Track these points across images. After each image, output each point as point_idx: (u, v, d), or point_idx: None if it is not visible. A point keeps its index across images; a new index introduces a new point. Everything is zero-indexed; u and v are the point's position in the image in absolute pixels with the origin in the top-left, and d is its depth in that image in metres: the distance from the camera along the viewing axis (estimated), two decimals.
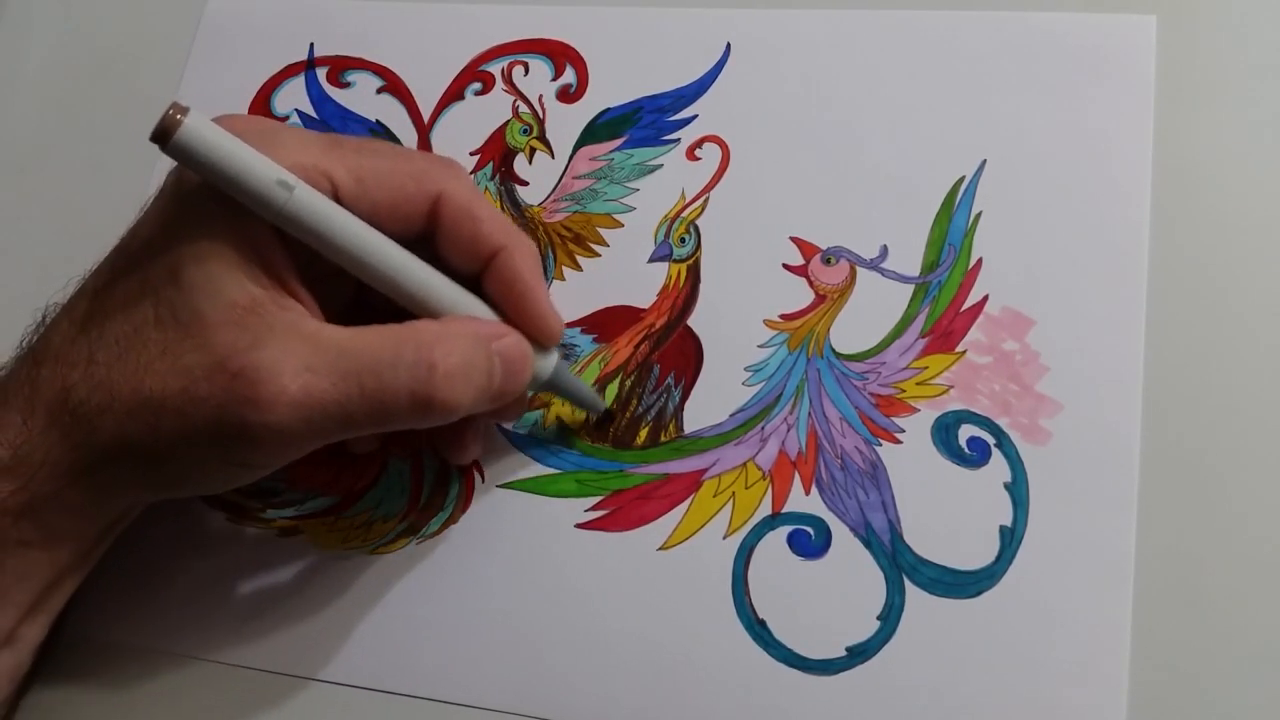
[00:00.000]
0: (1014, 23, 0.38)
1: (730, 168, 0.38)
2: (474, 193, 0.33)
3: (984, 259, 0.36)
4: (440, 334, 0.31)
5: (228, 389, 0.29)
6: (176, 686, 0.35)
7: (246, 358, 0.29)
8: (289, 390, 0.29)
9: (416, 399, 0.30)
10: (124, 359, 0.30)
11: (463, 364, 0.30)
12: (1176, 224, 0.35)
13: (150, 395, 0.29)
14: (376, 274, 0.31)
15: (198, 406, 0.29)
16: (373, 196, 0.32)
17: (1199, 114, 0.36)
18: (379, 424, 0.30)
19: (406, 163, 0.33)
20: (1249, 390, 0.33)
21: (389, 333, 0.30)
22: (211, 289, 0.29)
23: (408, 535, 0.36)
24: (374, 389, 0.30)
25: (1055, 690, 0.31)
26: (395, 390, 0.30)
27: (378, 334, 0.30)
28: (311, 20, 0.44)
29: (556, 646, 0.34)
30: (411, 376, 0.30)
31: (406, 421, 0.31)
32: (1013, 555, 0.33)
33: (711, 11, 0.41)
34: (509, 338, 0.32)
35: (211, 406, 0.29)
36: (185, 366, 0.29)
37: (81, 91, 0.45)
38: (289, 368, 0.29)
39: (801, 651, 0.33)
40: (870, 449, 0.34)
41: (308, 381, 0.29)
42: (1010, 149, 0.37)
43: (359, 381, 0.30)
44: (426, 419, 0.31)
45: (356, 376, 0.30)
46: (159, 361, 0.29)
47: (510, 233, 0.33)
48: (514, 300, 0.33)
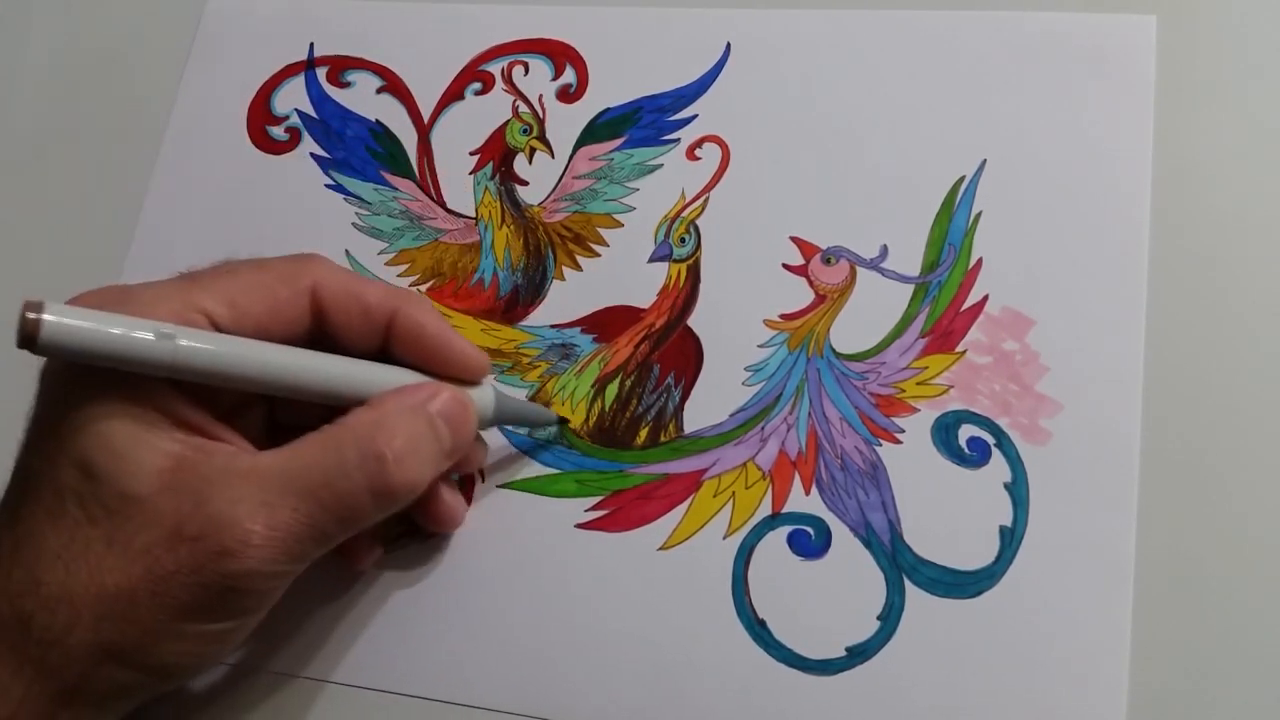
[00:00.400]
0: (1014, 23, 0.38)
1: (730, 168, 0.38)
2: (345, 271, 0.33)
3: (984, 259, 0.36)
4: (377, 420, 0.30)
5: (194, 553, 0.28)
6: (175, 686, 0.35)
7: (199, 517, 0.28)
8: (255, 531, 0.28)
9: (377, 494, 0.30)
10: (72, 570, 0.28)
11: (409, 441, 0.30)
12: (1176, 224, 0.35)
13: (117, 591, 0.28)
14: (289, 387, 0.31)
15: (169, 582, 0.28)
16: (251, 315, 0.31)
17: (1199, 114, 0.36)
18: (353, 528, 0.30)
19: (269, 271, 0.32)
20: (1249, 390, 0.33)
21: (327, 439, 0.30)
22: (129, 467, 0.28)
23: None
24: (333, 500, 0.29)
25: (1055, 690, 0.31)
26: (354, 494, 0.29)
27: (316, 444, 0.30)
28: (311, 20, 0.44)
29: (556, 646, 0.34)
30: (365, 474, 0.29)
31: (378, 515, 0.30)
32: (1013, 555, 0.33)
33: (711, 11, 0.41)
34: (442, 394, 0.32)
35: (185, 576, 0.28)
36: (139, 549, 0.28)
37: (81, 91, 0.45)
38: (244, 511, 0.28)
39: (801, 651, 0.33)
40: (870, 449, 0.34)
41: (268, 517, 0.28)
42: (1010, 149, 0.37)
43: (316, 499, 0.29)
44: (395, 505, 0.30)
45: (312, 494, 0.29)
46: (109, 557, 0.28)
47: (396, 293, 0.33)
48: (428, 353, 0.32)
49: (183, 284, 0.31)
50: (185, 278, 0.31)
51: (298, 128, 0.42)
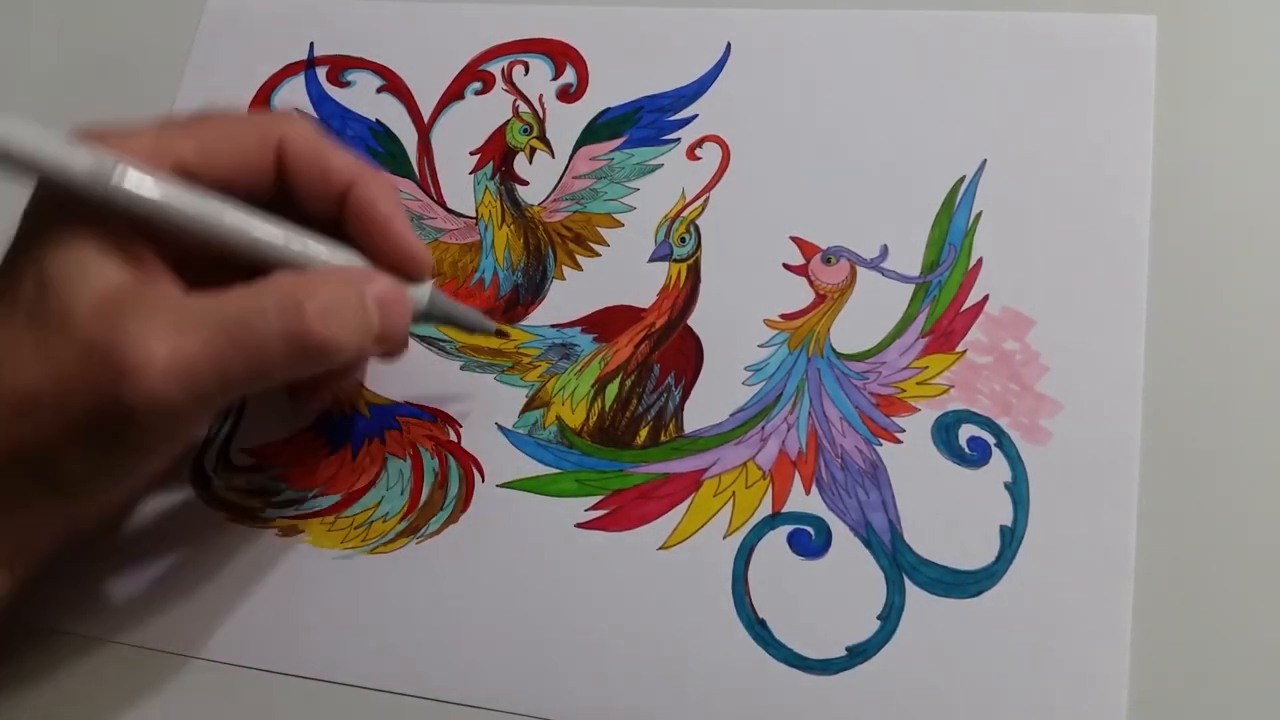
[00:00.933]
0: (1014, 23, 0.38)
1: (730, 167, 0.38)
2: (317, 134, 0.33)
3: (984, 259, 0.36)
4: (305, 278, 0.31)
5: (99, 369, 0.28)
6: (175, 686, 0.35)
7: (113, 335, 0.29)
8: (158, 355, 0.28)
9: (291, 340, 0.29)
10: (3, 365, 0.29)
11: (333, 301, 0.30)
12: (1176, 224, 0.35)
13: (27, 392, 0.29)
14: (224, 238, 0.31)
15: (71, 395, 0.29)
16: (219, 162, 0.31)
17: (1199, 114, 0.36)
18: (260, 376, 0.30)
19: (244, 122, 0.33)
20: (1249, 390, 0.33)
21: (252, 286, 0.30)
22: (73, 282, 0.29)
23: (407, 535, 0.36)
24: (245, 339, 0.29)
25: (1055, 690, 0.31)
26: (267, 335, 0.29)
27: (241, 289, 0.30)
28: (311, 20, 0.44)
29: (556, 646, 0.34)
30: (281, 320, 0.29)
31: (288, 368, 0.30)
32: (1013, 555, 0.33)
33: (711, 11, 0.41)
34: (379, 280, 0.32)
35: (85, 391, 0.29)
36: (58, 360, 0.29)
37: (81, 92, 0.45)
38: (155, 334, 0.28)
39: (801, 651, 0.33)
40: (870, 449, 0.34)
41: (176, 344, 0.29)
42: (1010, 149, 0.37)
43: (227, 335, 0.29)
44: (308, 360, 0.30)
45: (225, 330, 0.29)
46: (31, 362, 0.29)
47: (360, 167, 0.33)
48: (375, 235, 0.32)
49: (161, 124, 0.32)
50: (166, 119, 0.32)
51: None
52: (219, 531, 0.37)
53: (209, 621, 0.35)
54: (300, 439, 0.37)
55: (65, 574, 0.37)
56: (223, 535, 0.37)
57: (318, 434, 0.38)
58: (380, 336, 0.31)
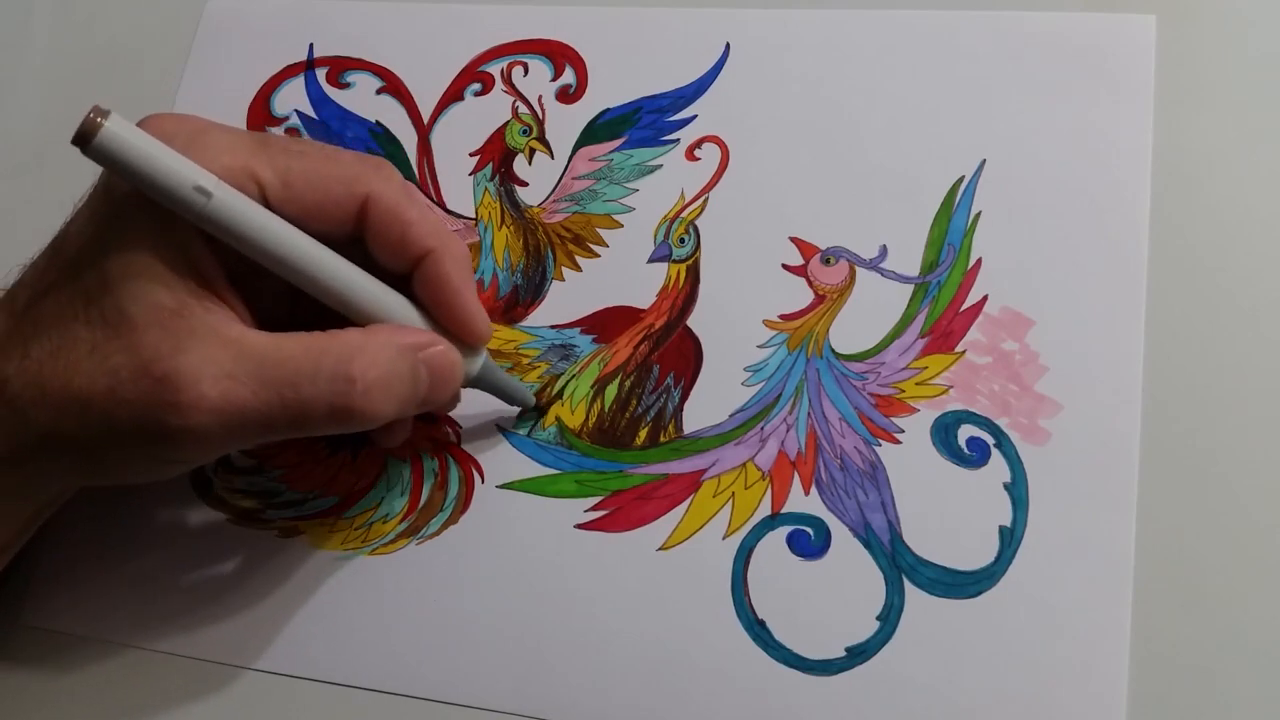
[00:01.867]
0: (1014, 23, 0.38)
1: (730, 168, 0.38)
2: (404, 194, 0.33)
3: (984, 259, 0.36)
4: (362, 345, 0.31)
5: (151, 393, 0.29)
6: (175, 686, 0.35)
7: (170, 363, 0.29)
8: (209, 397, 0.29)
9: (335, 411, 0.30)
10: (56, 356, 0.30)
11: (384, 376, 0.31)
12: (1176, 224, 0.35)
13: (78, 393, 0.30)
14: (299, 274, 0.31)
15: (122, 408, 0.30)
16: (300, 199, 0.31)
17: (1199, 114, 0.36)
18: (299, 431, 0.31)
19: (335, 165, 0.32)
20: (1249, 390, 0.33)
21: (311, 342, 0.31)
22: (138, 292, 0.30)
23: (407, 536, 0.36)
24: (293, 400, 0.30)
25: (1055, 690, 0.31)
26: (314, 402, 0.30)
27: (300, 342, 0.30)
28: (311, 20, 0.44)
29: (556, 646, 0.34)
30: (330, 390, 0.30)
31: (328, 429, 0.31)
32: (1012, 555, 0.33)
33: (711, 11, 0.41)
34: (436, 347, 0.32)
35: (135, 408, 0.29)
36: (112, 368, 0.30)
37: (81, 91, 0.45)
38: (209, 374, 0.29)
39: (801, 651, 0.33)
40: (870, 449, 0.34)
41: (227, 388, 0.29)
42: (1010, 149, 0.37)
43: (278, 392, 0.30)
44: (348, 428, 0.31)
45: (276, 387, 0.30)
46: (87, 361, 0.30)
47: (440, 234, 0.33)
48: (442, 304, 0.33)
49: (253, 145, 0.32)
50: (259, 139, 0.32)
51: (297, 128, 0.42)
52: (219, 533, 0.37)
53: (209, 622, 0.36)
54: (301, 441, 0.37)
55: (66, 575, 0.37)
56: (223, 536, 0.37)
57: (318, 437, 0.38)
58: (426, 401, 0.32)
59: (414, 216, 0.33)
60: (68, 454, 0.31)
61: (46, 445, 0.31)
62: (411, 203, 0.33)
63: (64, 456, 0.31)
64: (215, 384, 0.29)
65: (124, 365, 0.29)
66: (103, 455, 0.31)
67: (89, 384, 0.30)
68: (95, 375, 0.30)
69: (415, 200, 0.33)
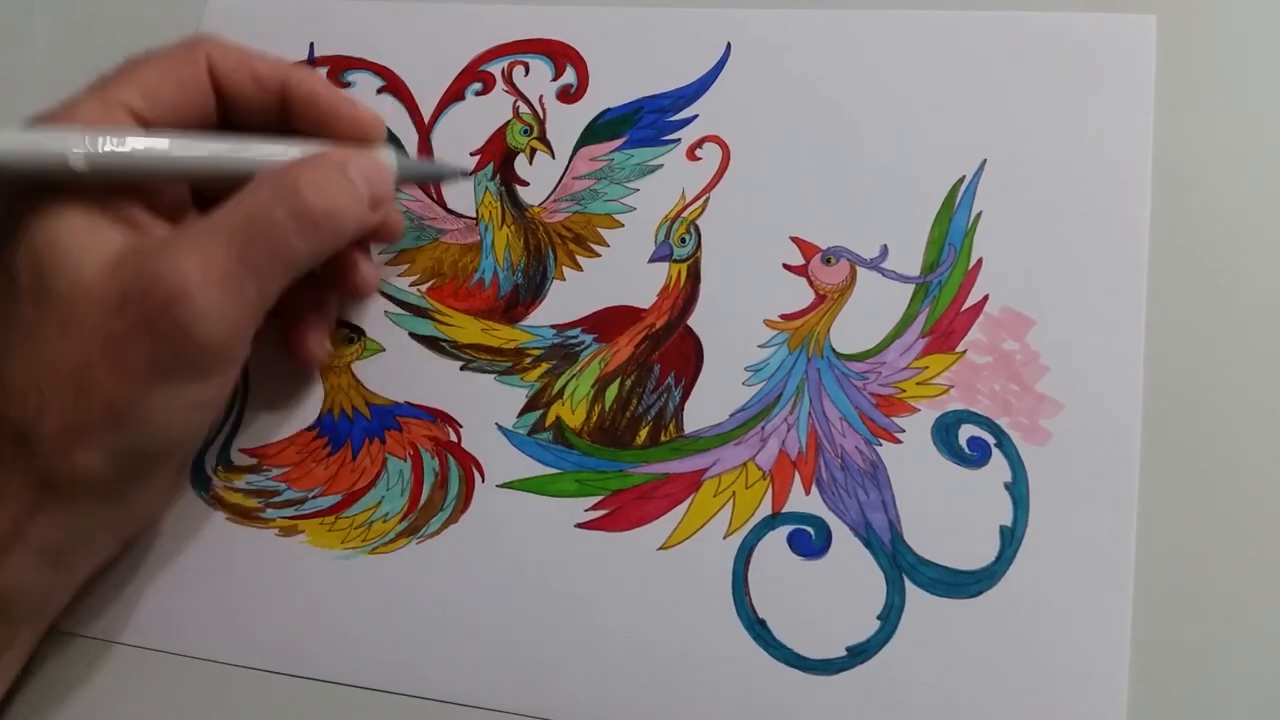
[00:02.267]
0: (1014, 23, 0.38)
1: (730, 168, 0.38)
2: (235, 44, 0.34)
3: (984, 259, 0.36)
4: (287, 168, 0.32)
5: (142, 310, 0.30)
6: (174, 686, 0.35)
7: (140, 280, 0.30)
8: (191, 274, 0.30)
9: (299, 217, 0.31)
10: (32, 360, 0.30)
11: (321, 178, 0.32)
12: (1176, 224, 0.35)
13: (75, 367, 0.30)
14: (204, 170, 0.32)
15: (123, 345, 0.30)
16: (165, 99, 0.33)
17: (1199, 114, 0.36)
18: (285, 262, 0.31)
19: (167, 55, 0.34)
20: (1249, 390, 0.33)
21: (244, 190, 0.32)
22: (76, 259, 0.30)
23: (407, 535, 0.36)
24: (260, 233, 0.31)
25: (1055, 690, 0.31)
26: (278, 222, 0.31)
27: (235, 197, 0.32)
28: (311, 20, 0.44)
29: (556, 646, 0.34)
30: (283, 204, 0.31)
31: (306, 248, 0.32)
32: (1013, 555, 0.33)
33: (711, 11, 0.41)
34: (350, 154, 0.33)
35: (138, 335, 0.30)
36: (92, 326, 0.30)
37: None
38: (178, 260, 0.30)
39: (801, 651, 0.33)
40: (870, 449, 0.34)
41: (202, 260, 0.30)
42: (1010, 149, 0.37)
43: (244, 235, 0.31)
44: (318, 235, 0.32)
45: (240, 232, 0.31)
46: (64, 340, 0.30)
47: (288, 65, 0.35)
48: (324, 119, 0.34)
49: (96, 88, 0.32)
50: (96, 83, 0.33)
51: None
52: (219, 531, 0.37)
53: (209, 621, 0.35)
54: (300, 439, 0.37)
55: None
56: (223, 535, 0.37)
57: (318, 434, 0.38)
58: (373, 200, 0.33)
59: (255, 56, 0.34)
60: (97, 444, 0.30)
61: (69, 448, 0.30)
62: (246, 48, 0.34)
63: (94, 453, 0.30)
64: (189, 263, 0.30)
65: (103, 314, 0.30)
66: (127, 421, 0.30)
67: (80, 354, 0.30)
68: (81, 344, 0.30)
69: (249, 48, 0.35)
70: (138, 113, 0.32)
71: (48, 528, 0.31)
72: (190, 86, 0.33)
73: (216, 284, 0.30)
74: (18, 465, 0.30)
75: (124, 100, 0.32)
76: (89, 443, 0.30)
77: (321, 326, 0.37)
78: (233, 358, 0.32)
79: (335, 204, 0.32)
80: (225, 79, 0.34)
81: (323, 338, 0.37)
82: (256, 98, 0.34)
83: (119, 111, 0.32)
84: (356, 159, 0.33)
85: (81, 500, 0.31)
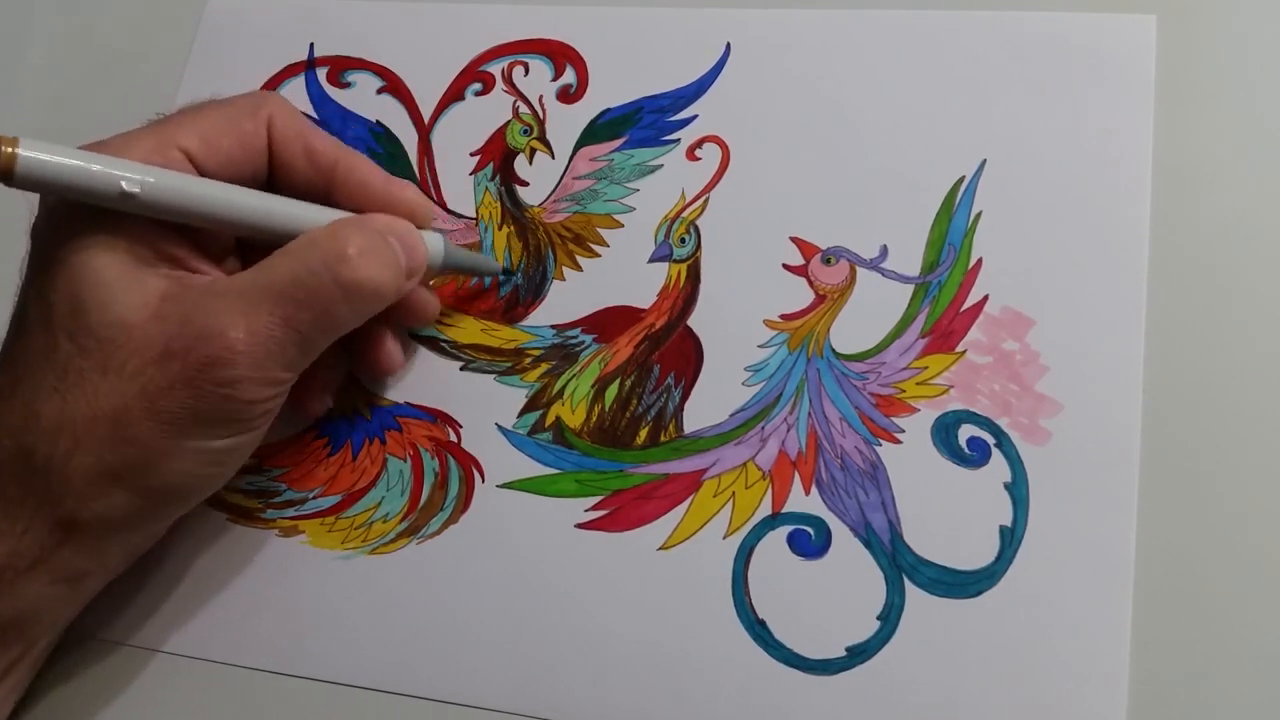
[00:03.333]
0: (1014, 23, 0.38)
1: (730, 168, 0.38)
2: (297, 113, 0.35)
3: (984, 259, 0.36)
4: (334, 230, 0.32)
5: (185, 366, 0.30)
6: (175, 686, 0.35)
7: (185, 334, 0.30)
8: (238, 338, 0.30)
9: (344, 286, 0.31)
10: (68, 400, 0.30)
11: (367, 244, 0.32)
12: (1176, 224, 0.35)
13: (113, 413, 0.30)
14: (250, 224, 0.32)
15: (163, 397, 0.30)
16: (221, 148, 0.33)
17: (1199, 114, 0.36)
18: (327, 328, 0.32)
19: (232, 106, 0.34)
20: (1249, 390, 0.33)
21: (292, 249, 0.32)
22: (118, 297, 0.30)
23: (408, 535, 0.36)
24: (305, 298, 0.31)
25: (1055, 690, 0.31)
26: (323, 289, 0.31)
27: (283, 256, 0.32)
28: (311, 20, 0.44)
29: (556, 646, 0.34)
30: (330, 271, 0.31)
31: (348, 315, 0.32)
32: (1013, 555, 0.33)
33: (711, 11, 0.41)
34: (390, 222, 0.34)
35: (179, 390, 0.30)
36: (132, 371, 0.30)
37: (82, 92, 0.45)
38: (226, 322, 0.30)
39: (801, 651, 0.33)
40: (870, 449, 0.34)
41: (248, 324, 0.30)
42: (1010, 149, 0.37)
43: (290, 299, 0.31)
44: (362, 304, 0.32)
45: (285, 296, 0.31)
46: (103, 383, 0.30)
47: (341, 146, 0.35)
48: (374, 200, 0.34)
49: (154, 126, 0.33)
50: (156, 122, 0.33)
51: None
52: (219, 532, 0.37)
53: (209, 621, 0.36)
54: (301, 440, 0.37)
55: None
56: (223, 535, 0.37)
57: (318, 435, 0.38)
58: (409, 271, 0.33)
59: (312, 130, 0.34)
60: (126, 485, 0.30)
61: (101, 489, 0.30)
62: (307, 121, 0.35)
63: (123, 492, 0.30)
64: (235, 326, 0.30)
65: (144, 363, 0.30)
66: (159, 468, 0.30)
67: (118, 400, 0.30)
68: (119, 388, 0.30)
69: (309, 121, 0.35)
70: (193, 157, 0.32)
71: (70, 556, 0.31)
72: (248, 144, 0.33)
73: (262, 347, 0.30)
74: (46, 500, 0.30)
75: (181, 143, 0.32)
76: (120, 486, 0.30)
77: (331, 385, 0.37)
78: (270, 414, 0.33)
79: (378, 276, 0.32)
80: (281, 145, 0.34)
81: (328, 396, 0.37)
82: (304, 171, 0.34)
83: (174, 152, 0.32)
84: (394, 226, 0.33)
85: (106, 534, 0.31)
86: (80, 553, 0.31)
